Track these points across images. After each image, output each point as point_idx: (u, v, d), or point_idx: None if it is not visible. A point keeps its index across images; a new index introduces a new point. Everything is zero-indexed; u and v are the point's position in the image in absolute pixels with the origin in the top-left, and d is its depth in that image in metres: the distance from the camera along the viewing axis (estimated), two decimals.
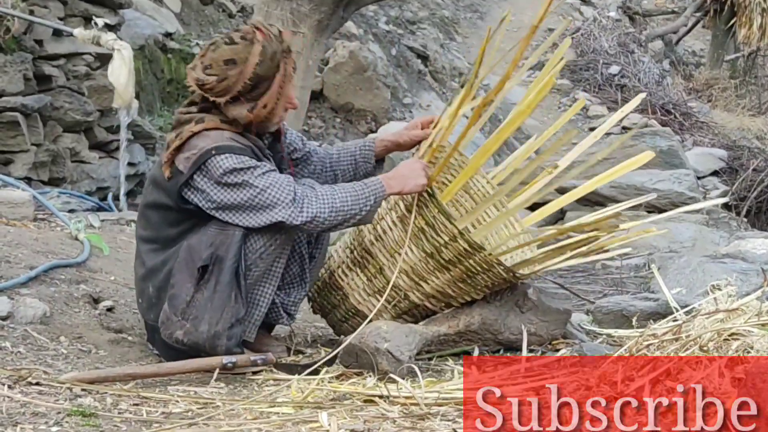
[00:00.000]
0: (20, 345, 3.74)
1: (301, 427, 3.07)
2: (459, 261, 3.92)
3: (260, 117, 3.77)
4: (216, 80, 3.70)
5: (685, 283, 4.88)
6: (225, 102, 3.72)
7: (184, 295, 3.70)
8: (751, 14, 18.20)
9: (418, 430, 3.06)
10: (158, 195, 3.81)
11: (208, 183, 3.67)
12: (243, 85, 3.70)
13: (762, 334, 3.14)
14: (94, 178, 8.05)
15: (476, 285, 4.00)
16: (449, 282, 3.99)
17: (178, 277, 3.71)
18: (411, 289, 4.03)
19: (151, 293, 3.81)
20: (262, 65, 3.71)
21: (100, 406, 3.20)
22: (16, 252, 4.66)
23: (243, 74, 3.70)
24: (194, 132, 3.71)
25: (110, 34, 7.29)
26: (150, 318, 3.84)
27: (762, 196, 12.62)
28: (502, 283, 4.03)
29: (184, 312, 3.70)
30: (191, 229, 3.75)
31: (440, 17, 16.46)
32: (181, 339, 3.70)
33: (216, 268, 3.68)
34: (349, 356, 3.69)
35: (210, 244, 3.69)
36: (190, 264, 3.70)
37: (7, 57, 7.17)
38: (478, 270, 3.93)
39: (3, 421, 2.90)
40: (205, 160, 3.65)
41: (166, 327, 3.73)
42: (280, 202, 3.65)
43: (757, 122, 16.88)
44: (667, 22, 20.54)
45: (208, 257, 3.68)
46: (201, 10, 11.43)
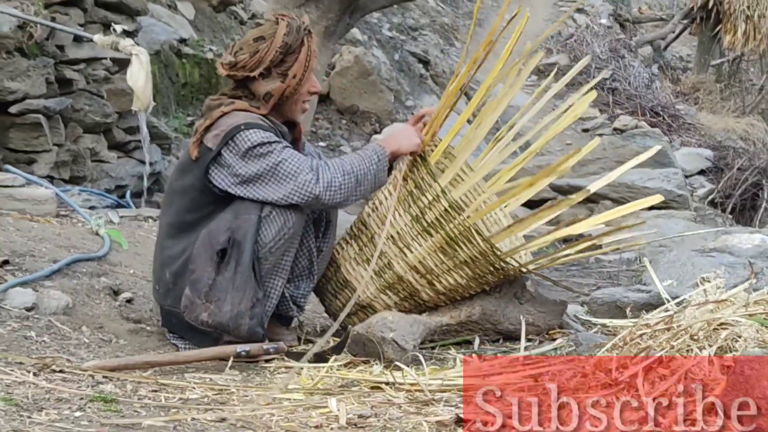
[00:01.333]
0: (44, 334, 3.75)
1: (311, 412, 3.07)
2: (440, 224, 3.90)
3: (291, 87, 3.82)
4: (248, 57, 3.78)
5: (676, 276, 4.87)
6: (258, 75, 3.78)
7: (205, 278, 3.71)
8: (736, 21, 18.18)
9: (423, 415, 3.06)
10: (183, 179, 3.84)
11: (235, 157, 3.70)
12: (273, 56, 3.77)
13: (749, 323, 3.13)
14: (113, 177, 8.04)
15: (456, 259, 3.93)
16: (431, 251, 3.94)
17: (198, 262, 3.72)
18: (396, 258, 3.99)
19: (168, 279, 3.81)
20: (289, 35, 3.79)
21: (121, 393, 3.20)
22: (40, 246, 4.66)
23: (273, 45, 3.78)
24: (225, 112, 3.77)
25: (128, 40, 7.27)
26: (166, 303, 3.84)
27: (746, 194, 12.61)
28: (484, 263, 3.95)
29: (207, 294, 3.71)
30: (210, 215, 3.76)
31: (440, 24, 16.45)
32: (206, 321, 3.72)
33: (235, 251, 3.70)
34: (357, 345, 3.70)
35: (227, 229, 3.71)
36: (208, 248, 3.71)
37: (30, 62, 7.16)
38: (457, 236, 3.89)
39: (29, 407, 2.90)
40: (233, 135, 3.70)
41: (191, 310, 3.73)
42: (301, 170, 3.69)
43: (741, 123, 16.86)
44: (656, 28, 20.51)
45: (225, 240, 3.70)
46: (214, 17, 11.42)
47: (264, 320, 3.80)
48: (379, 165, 3.84)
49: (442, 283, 4.01)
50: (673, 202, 8.49)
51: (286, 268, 3.87)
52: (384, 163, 3.85)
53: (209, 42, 10.78)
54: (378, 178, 3.85)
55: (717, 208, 11.57)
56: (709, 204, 11.64)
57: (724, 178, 12.58)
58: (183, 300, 3.75)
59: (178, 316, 3.80)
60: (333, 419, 3.00)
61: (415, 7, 15.66)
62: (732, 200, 12.34)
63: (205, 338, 3.76)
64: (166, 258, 3.84)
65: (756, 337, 3.03)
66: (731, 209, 12.16)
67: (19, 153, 7.19)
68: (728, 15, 18.26)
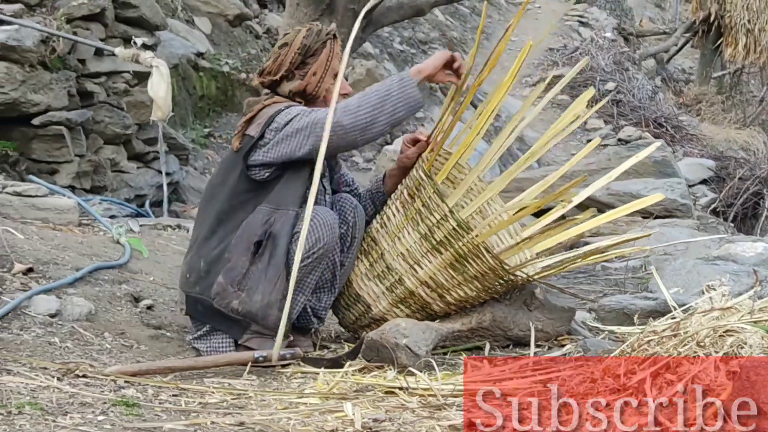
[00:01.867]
0: (68, 340, 3.75)
1: (327, 416, 3.06)
2: (449, 242, 3.89)
3: (312, 85, 3.90)
4: (272, 62, 3.92)
5: (681, 284, 4.85)
6: (281, 78, 3.90)
7: (240, 267, 3.75)
8: (737, 35, 18.18)
9: (435, 419, 3.06)
10: (225, 172, 3.92)
11: (274, 132, 3.78)
12: (293, 57, 3.88)
13: (754, 330, 3.11)
14: (133, 187, 8.07)
15: (466, 274, 3.93)
16: (440, 267, 3.94)
17: (235, 252, 3.77)
18: (406, 274, 3.99)
19: (202, 267, 3.83)
20: (308, 38, 3.89)
21: (142, 397, 3.20)
22: (63, 254, 4.67)
23: (292, 48, 3.89)
24: (265, 104, 3.88)
25: (148, 52, 7.31)
26: (195, 291, 3.85)
27: (747, 203, 12.60)
28: (493, 278, 3.95)
29: (240, 283, 3.75)
30: (245, 204, 3.82)
31: (449, 38, 16.46)
32: (236, 308, 3.76)
33: (270, 243, 3.75)
34: (371, 351, 3.69)
35: (265, 222, 3.77)
36: (245, 240, 3.76)
37: (53, 75, 7.19)
38: (466, 254, 3.89)
39: (53, 411, 2.90)
40: (275, 116, 3.80)
41: (222, 297, 3.76)
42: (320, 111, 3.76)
43: (743, 134, 16.84)
44: (659, 42, 20.50)
45: (263, 233, 3.75)
46: (230, 32, 11.44)
47: (292, 316, 3.82)
48: (403, 83, 3.78)
49: (452, 296, 4.00)
50: (676, 210, 8.46)
51: (310, 286, 3.89)
52: (408, 82, 3.78)
53: (225, 56, 10.80)
54: (406, 95, 3.77)
55: (719, 216, 11.55)
56: (712, 213, 11.62)
57: (726, 188, 12.56)
58: (215, 287, 3.78)
59: (205, 303, 3.82)
60: (348, 423, 3.00)
61: (424, 22, 15.68)
62: (734, 209, 12.32)
63: (233, 325, 3.79)
64: (203, 247, 3.86)
65: (761, 343, 3.01)
66: (733, 218, 12.15)
67: (41, 163, 7.23)
68: (729, 29, 18.26)
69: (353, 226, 4.03)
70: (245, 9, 11.77)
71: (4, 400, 2.92)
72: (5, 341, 3.58)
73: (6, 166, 6.94)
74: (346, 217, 4.03)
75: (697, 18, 18.86)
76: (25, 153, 7.17)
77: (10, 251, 4.37)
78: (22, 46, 6.93)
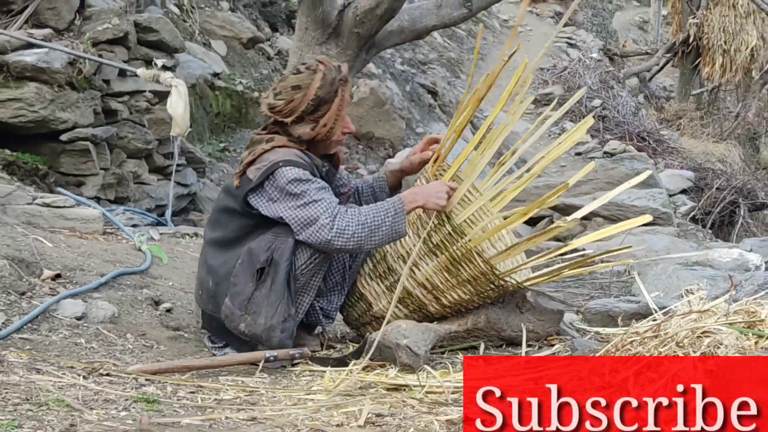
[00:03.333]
0: (93, 341, 3.76)
1: (333, 412, 3.06)
2: (445, 246, 3.88)
3: (321, 135, 3.84)
4: (284, 103, 3.79)
5: (662, 288, 4.85)
6: (291, 121, 3.79)
7: (245, 292, 3.74)
8: (714, 55, 18.19)
9: (434, 414, 3.05)
10: (228, 201, 3.87)
11: (273, 190, 3.72)
12: (306, 106, 3.78)
13: (730, 332, 3.11)
14: (153, 197, 8.08)
15: (459, 277, 3.92)
16: (436, 270, 3.92)
17: (240, 277, 3.75)
18: (405, 276, 3.98)
19: (211, 287, 3.84)
20: (322, 89, 3.79)
21: (162, 394, 3.20)
22: (88, 261, 4.67)
23: (306, 96, 3.78)
24: (266, 149, 3.79)
25: (168, 73, 7.33)
26: (208, 308, 3.87)
27: (724, 211, 12.60)
28: (485, 282, 3.93)
29: (246, 307, 3.74)
30: (251, 233, 3.79)
31: (447, 58, 16.46)
32: (243, 330, 3.76)
33: (272, 270, 3.73)
34: (374, 350, 3.68)
35: (267, 249, 3.74)
36: (250, 266, 3.74)
37: (79, 94, 7.20)
38: (460, 257, 3.88)
39: (79, 407, 2.90)
40: (273, 171, 3.72)
41: (231, 320, 3.77)
42: (321, 214, 3.68)
43: (720, 148, 16.83)
44: (642, 61, 20.50)
45: (266, 260, 3.73)
46: (244, 54, 11.45)
47: (293, 333, 3.82)
48: (396, 218, 3.75)
49: (447, 298, 3.99)
50: (658, 219, 8.46)
51: (315, 287, 3.90)
52: (401, 217, 3.76)
53: (240, 76, 10.81)
54: (394, 230, 3.76)
55: (698, 224, 11.54)
56: (691, 220, 11.61)
57: (704, 197, 12.55)
58: (224, 309, 3.78)
59: (218, 321, 3.83)
60: (353, 418, 3.00)
61: (424, 44, 15.69)
62: (711, 217, 12.31)
63: (243, 344, 3.80)
64: (210, 268, 3.86)
65: (736, 344, 3.02)
66: (711, 225, 12.14)
67: (69, 176, 7.25)
68: (707, 49, 18.28)
69: None
70: (258, 33, 11.78)
71: (34, 396, 2.93)
72: (35, 342, 3.59)
73: (36, 179, 6.95)
74: None
75: (677, 40, 18.88)
76: (54, 167, 7.18)
77: (39, 258, 4.37)
78: (51, 68, 6.95)
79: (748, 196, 13.04)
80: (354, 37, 6.76)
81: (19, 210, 5.56)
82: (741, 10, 18.11)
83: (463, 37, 17.98)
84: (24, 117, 6.94)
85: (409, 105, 13.12)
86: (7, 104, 6.90)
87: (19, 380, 3.10)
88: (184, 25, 10.47)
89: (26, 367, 3.26)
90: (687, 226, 9.67)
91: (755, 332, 3.05)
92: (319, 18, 6.68)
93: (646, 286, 4.59)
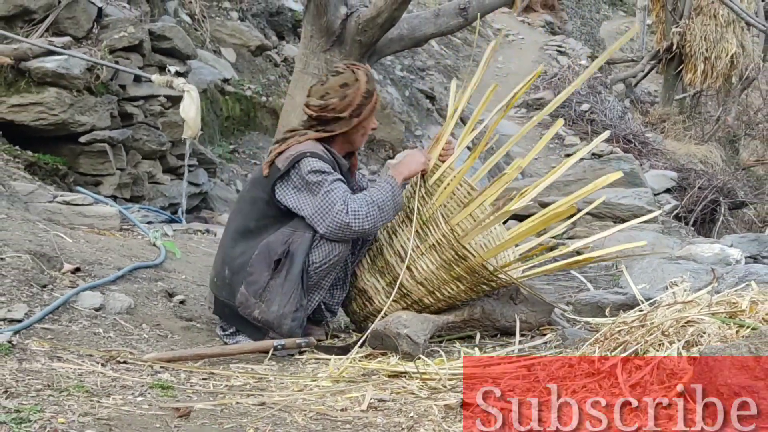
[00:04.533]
0: (111, 331, 3.76)
1: (338, 397, 3.06)
2: (440, 245, 3.87)
3: (355, 136, 3.94)
4: (338, 100, 3.84)
5: (648, 280, 4.84)
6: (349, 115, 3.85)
7: (261, 281, 3.76)
8: (696, 62, 18.19)
9: (433, 399, 3.06)
10: (254, 190, 3.91)
11: (297, 177, 3.77)
12: (360, 100, 3.86)
13: (712, 321, 3.11)
14: (167, 196, 8.07)
15: (452, 273, 3.89)
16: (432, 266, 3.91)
17: (257, 267, 3.77)
18: (397, 266, 3.97)
19: (227, 275, 3.85)
20: (370, 83, 3.89)
21: (176, 380, 3.20)
22: (106, 256, 4.67)
23: (359, 91, 3.86)
24: (299, 141, 3.86)
25: (181, 78, 7.31)
26: (222, 295, 3.87)
27: (705, 209, 12.60)
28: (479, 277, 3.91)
29: (260, 295, 3.76)
30: (270, 225, 3.82)
31: (444, 65, 16.46)
32: (257, 317, 3.77)
33: (288, 262, 3.76)
34: (376, 340, 3.69)
35: (285, 242, 3.76)
36: (267, 257, 3.77)
37: (97, 99, 7.20)
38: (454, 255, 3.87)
39: (98, 393, 2.90)
40: (299, 159, 3.78)
41: (245, 306, 3.79)
42: (336, 202, 3.73)
43: (701, 149, 16.81)
44: (628, 68, 20.49)
45: (282, 252, 3.76)
46: (252, 61, 11.44)
47: (303, 323, 3.83)
48: (394, 191, 3.83)
49: (442, 293, 3.99)
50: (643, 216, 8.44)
51: (325, 286, 3.91)
52: (398, 190, 3.85)
53: (248, 81, 10.81)
54: (396, 202, 3.84)
55: (681, 221, 11.52)
56: (674, 218, 11.58)
57: (687, 196, 12.55)
58: (238, 297, 3.79)
59: (231, 308, 3.84)
60: (357, 403, 3.00)
61: (422, 51, 15.68)
62: (694, 215, 12.31)
63: (255, 330, 3.81)
64: (228, 257, 3.87)
65: (718, 333, 3.01)
66: (693, 222, 12.14)
67: (87, 176, 7.25)
68: (689, 57, 18.28)
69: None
70: (265, 41, 11.77)
71: (55, 383, 2.93)
72: (56, 332, 3.59)
73: (56, 178, 6.95)
74: None
75: (661, 48, 18.87)
76: (73, 167, 7.18)
77: (60, 253, 4.37)
78: (71, 74, 6.95)
79: (729, 195, 13.04)
80: (356, 44, 6.75)
81: (40, 207, 5.56)
82: (722, 20, 18.11)
83: (459, 45, 17.98)
84: (45, 120, 6.94)
85: (409, 109, 13.11)
86: (29, 108, 6.90)
87: (41, 367, 3.10)
88: (196, 34, 10.46)
89: (48, 355, 3.26)
90: (671, 224, 9.63)
91: (736, 322, 3.04)
92: (323, 27, 6.67)
93: (633, 278, 4.59)
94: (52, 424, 2.52)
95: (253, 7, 12.10)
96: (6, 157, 6.65)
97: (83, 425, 2.55)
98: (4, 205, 4.85)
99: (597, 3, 26.41)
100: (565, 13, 24.03)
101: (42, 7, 7.33)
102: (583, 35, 24.07)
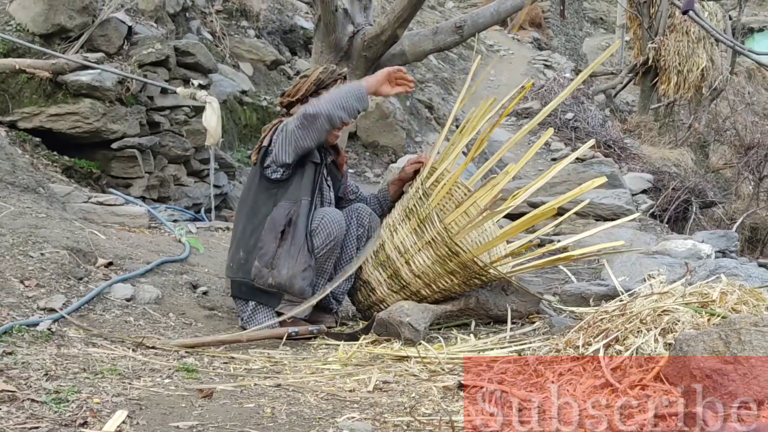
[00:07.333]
0: (140, 319, 3.76)
1: (346, 379, 3.06)
2: (435, 242, 3.86)
3: None
4: (292, 87, 4.00)
5: (627, 273, 4.84)
6: (296, 101, 3.95)
7: (270, 252, 3.79)
8: (669, 75, 18.17)
9: (433, 381, 3.05)
10: (249, 182, 3.98)
11: (276, 135, 3.84)
12: (308, 87, 3.94)
13: (686, 310, 3.10)
14: (191, 197, 8.07)
15: (446, 267, 3.88)
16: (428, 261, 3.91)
17: (265, 240, 3.80)
18: (403, 266, 3.97)
19: (241, 256, 3.87)
20: (323, 73, 3.95)
21: (200, 364, 3.20)
22: (136, 251, 4.67)
23: (309, 79, 3.96)
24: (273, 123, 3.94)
25: (203, 91, 7.31)
26: (238, 276, 3.88)
27: (679, 208, 12.57)
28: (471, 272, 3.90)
29: (271, 263, 3.78)
30: (268, 200, 3.85)
31: (441, 78, 16.44)
32: (271, 283, 3.79)
33: (291, 228, 3.79)
34: (381, 327, 3.69)
35: (287, 214, 3.80)
36: (273, 230, 3.80)
37: (127, 109, 7.20)
38: (447, 251, 3.86)
39: (129, 375, 2.90)
40: (277, 125, 3.87)
41: (260, 277, 3.81)
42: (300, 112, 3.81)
43: (675, 153, 16.76)
44: (608, 80, 20.45)
45: (286, 223, 3.79)
46: (267, 74, 11.44)
47: (312, 282, 3.84)
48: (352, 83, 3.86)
49: (438, 285, 3.99)
50: (622, 215, 8.43)
51: (328, 270, 3.91)
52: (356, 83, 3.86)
53: (264, 93, 10.80)
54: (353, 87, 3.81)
55: (656, 219, 11.51)
56: (650, 216, 11.57)
57: (662, 196, 12.53)
58: (253, 270, 3.82)
59: (247, 284, 3.85)
60: (363, 384, 3.00)
61: (421, 65, 15.67)
62: (668, 213, 12.29)
63: (270, 297, 3.83)
64: (241, 240, 3.90)
65: (691, 321, 3.00)
66: (667, 220, 12.12)
67: (118, 179, 7.24)
68: (664, 70, 18.27)
69: (369, 229, 4.06)
70: (280, 56, 11.77)
71: (90, 366, 2.93)
72: (91, 320, 3.59)
73: (91, 181, 6.96)
74: (363, 222, 4.04)
75: (638, 61, 18.84)
76: (106, 171, 7.19)
77: (94, 249, 4.37)
78: (103, 86, 6.95)
79: (699, 195, 13.02)
80: (362, 59, 6.75)
81: (76, 207, 5.56)
82: (693, 36, 18.10)
83: (455, 59, 17.96)
84: (80, 128, 6.94)
85: (409, 118, 13.10)
86: (66, 117, 6.91)
87: (77, 353, 3.10)
88: (217, 50, 10.46)
89: (83, 342, 3.27)
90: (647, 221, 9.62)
91: (708, 311, 3.04)
92: (332, 43, 6.66)
93: (614, 271, 4.59)
94: (88, 404, 2.52)
95: (268, 26, 12.11)
96: (45, 162, 6.66)
97: (116, 405, 2.55)
98: (44, 206, 4.85)
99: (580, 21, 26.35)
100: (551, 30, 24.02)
101: (78, 26, 7.33)
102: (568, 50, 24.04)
